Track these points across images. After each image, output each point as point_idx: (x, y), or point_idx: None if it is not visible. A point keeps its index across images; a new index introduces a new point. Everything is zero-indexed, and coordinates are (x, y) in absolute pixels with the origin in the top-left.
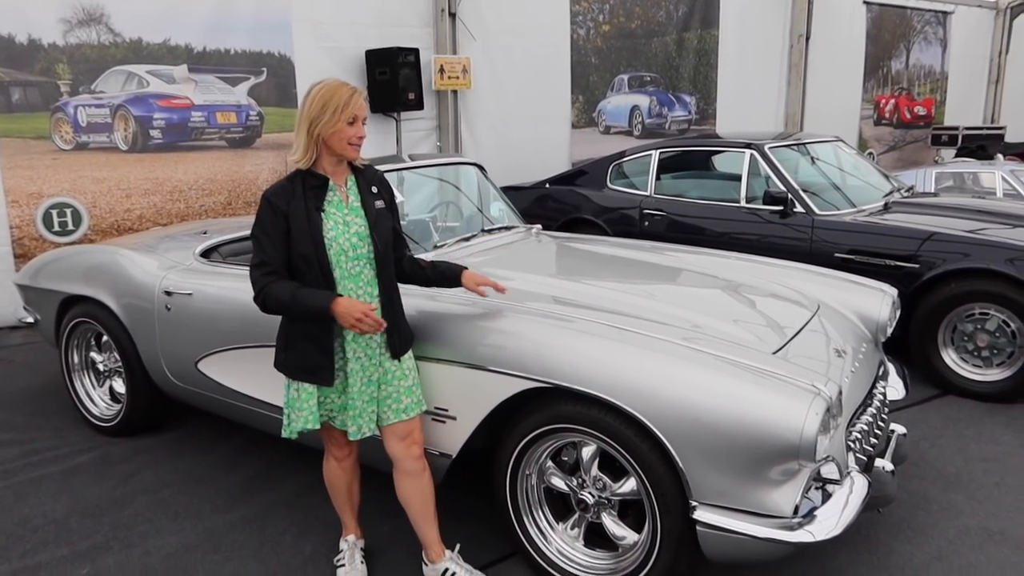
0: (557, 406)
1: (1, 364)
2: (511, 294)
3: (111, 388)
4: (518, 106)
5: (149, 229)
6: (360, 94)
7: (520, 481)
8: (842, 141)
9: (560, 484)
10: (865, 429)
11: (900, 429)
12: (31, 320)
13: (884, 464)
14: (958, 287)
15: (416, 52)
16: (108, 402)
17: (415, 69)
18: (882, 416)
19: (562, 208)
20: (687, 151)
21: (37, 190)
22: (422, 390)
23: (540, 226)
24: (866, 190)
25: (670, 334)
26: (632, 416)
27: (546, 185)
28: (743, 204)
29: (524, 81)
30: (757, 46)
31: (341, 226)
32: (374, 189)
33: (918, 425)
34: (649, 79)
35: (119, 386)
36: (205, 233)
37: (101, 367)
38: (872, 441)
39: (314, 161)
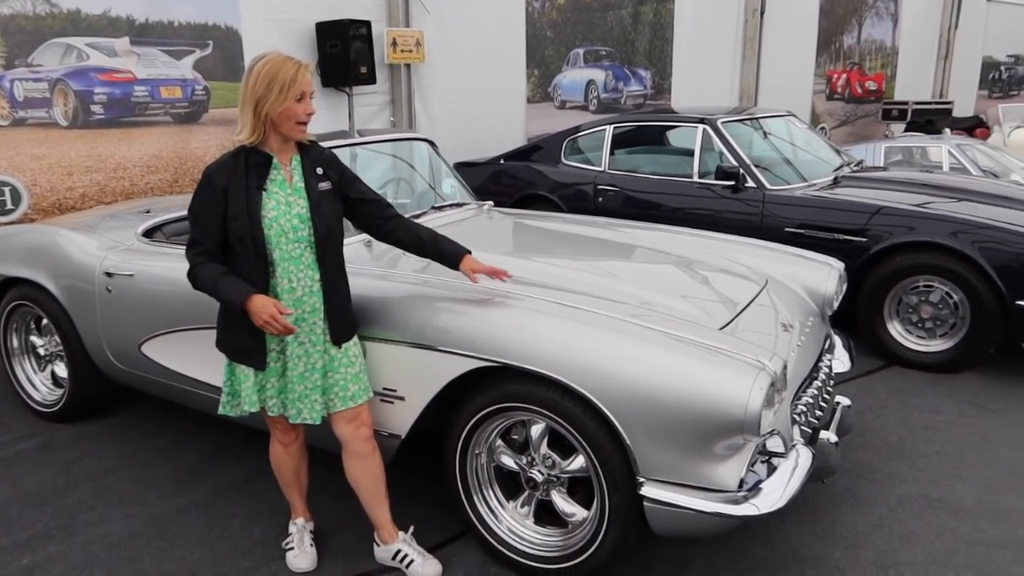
0: (506, 385)
1: None
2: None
3: (53, 373)
4: (473, 80)
5: (92, 208)
6: (307, 68)
7: (470, 460)
8: (794, 116)
9: (510, 463)
10: (811, 402)
11: (845, 401)
12: None
13: (829, 436)
14: (904, 260)
15: (368, 25)
16: (50, 387)
17: (367, 42)
18: (827, 388)
19: (517, 184)
20: (641, 126)
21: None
22: (368, 376)
23: (492, 203)
24: (817, 165)
25: (618, 311)
26: (580, 394)
27: (500, 161)
28: (696, 179)
29: (479, 55)
30: (712, 20)
31: (283, 206)
32: (319, 170)
33: (864, 396)
34: (605, 53)
35: (61, 371)
36: (148, 212)
37: (42, 351)
38: (817, 413)
39: (261, 140)
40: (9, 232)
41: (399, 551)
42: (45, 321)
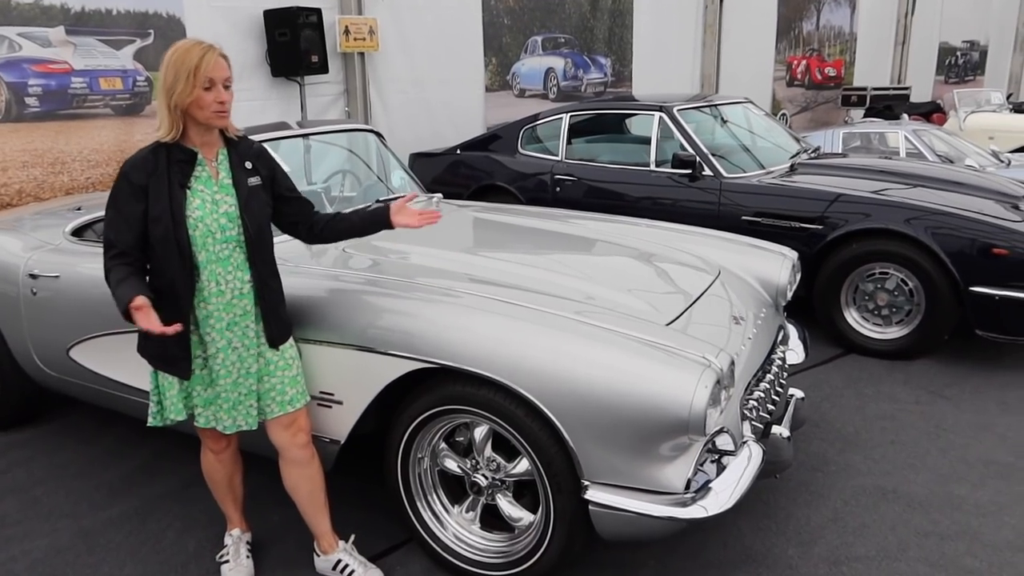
0: (446, 387)
1: None
2: (401, 269)
3: None
4: (429, 69)
5: (27, 205)
6: (215, 52)
7: (412, 465)
8: (751, 102)
9: (454, 467)
10: (762, 396)
11: (798, 393)
12: None
13: (781, 431)
14: (859, 247)
15: (318, 12)
16: None
17: (318, 30)
18: (780, 381)
19: (474, 175)
20: (598, 114)
21: None
22: (305, 379)
23: (440, 195)
24: (774, 152)
25: (561, 308)
26: (520, 395)
27: (457, 151)
28: (653, 168)
29: (435, 43)
30: (672, 7)
31: (209, 205)
32: (248, 164)
33: (821, 386)
34: (563, 40)
35: None
36: (79, 209)
37: None
38: (769, 407)
39: (181, 134)
40: None
41: (339, 561)
42: None
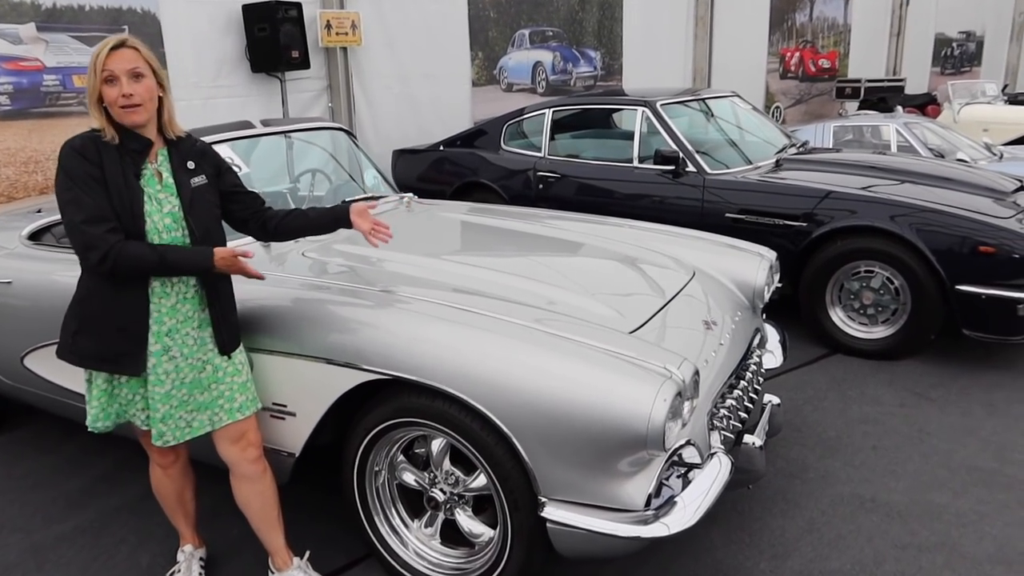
0: (400, 398)
1: None
2: (357, 275)
3: None
4: (414, 64)
5: None
6: (120, 43)
7: (369, 478)
8: (738, 96)
9: (412, 480)
10: (734, 404)
11: (774, 400)
12: None
13: (753, 440)
14: (844, 245)
15: (299, 7)
16: None
17: (298, 25)
18: (755, 387)
19: (457, 171)
20: (581, 110)
21: None
22: (257, 389)
23: (413, 195)
24: (760, 147)
25: (518, 315)
26: (475, 408)
27: (440, 148)
28: (637, 164)
29: (419, 37)
30: None
31: (155, 203)
32: (190, 164)
33: (804, 387)
34: (552, 34)
35: None
36: (39, 212)
37: None
38: (742, 416)
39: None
40: None
41: None
42: None
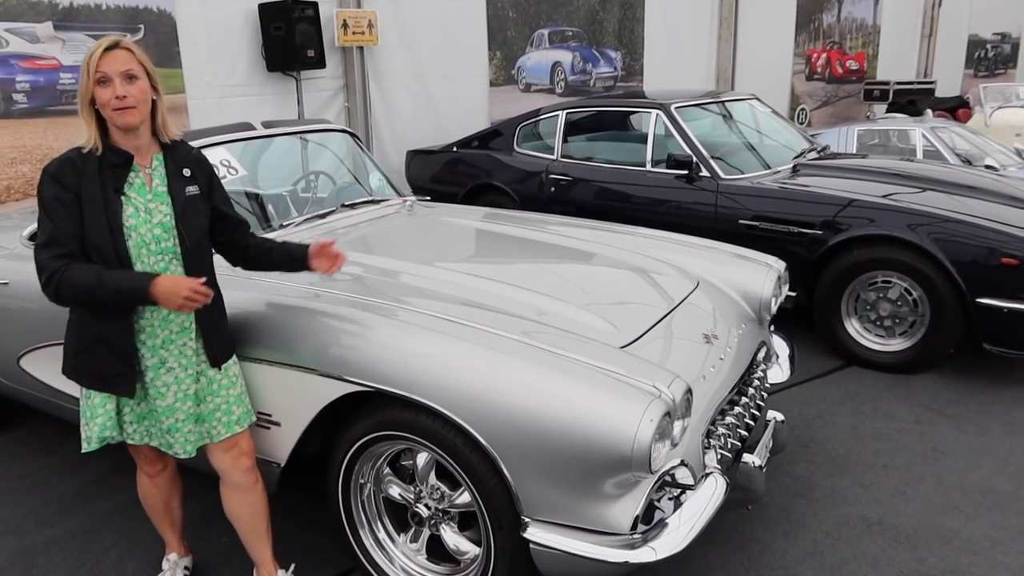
0: (384, 411)
1: None
2: (346, 283)
3: None
4: (431, 64)
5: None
6: (115, 43)
7: (354, 490)
8: (757, 99)
9: (398, 494)
10: (734, 422)
11: (778, 416)
12: None
13: (752, 460)
14: (861, 254)
15: (315, 6)
16: None
17: (314, 24)
18: (758, 403)
19: (471, 173)
20: (595, 112)
21: None
22: (249, 397)
23: (414, 198)
24: (778, 151)
25: (506, 327)
26: (457, 423)
27: (453, 148)
28: (650, 168)
29: (437, 37)
30: None
31: (143, 213)
32: (186, 172)
33: (815, 401)
34: (571, 34)
35: None
36: None
37: None
38: (742, 433)
39: (110, 140)
40: None
41: None
42: None
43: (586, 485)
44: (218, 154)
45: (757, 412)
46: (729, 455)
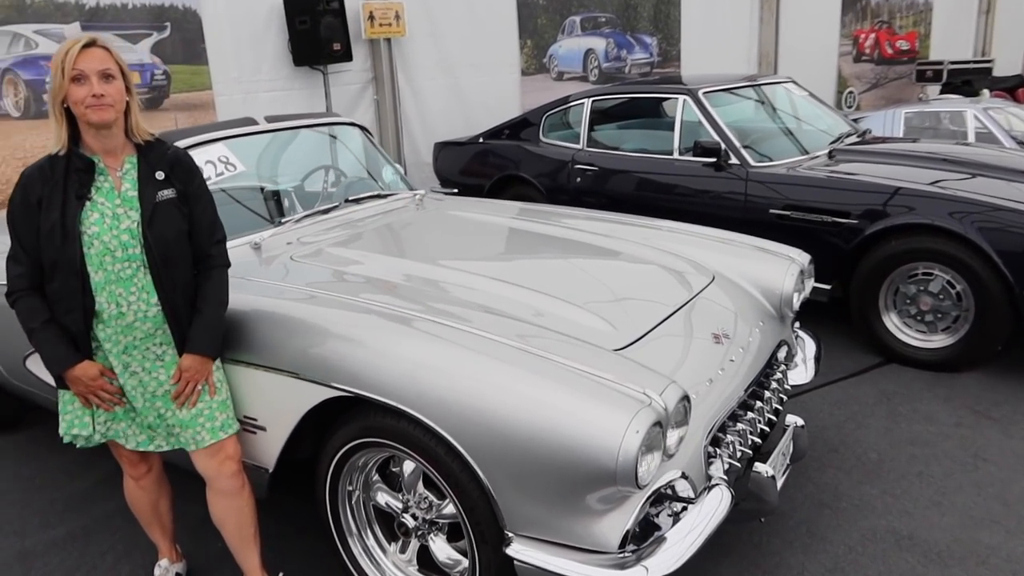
0: (368, 417)
1: None
2: (340, 284)
3: None
4: (461, 54)
5: None
6: (90, 42)
7: (342, 497)
8: (794, 82)
9: (386, 502)
10: (746, 428)
11: (798, 421)
12: None
13: (765, 469)
14: (899, 245)
15: None
16: None
17: (340, 17)
18: (775, 406)
19: (497, 164)
20: (622, 99)
21: None
22: (233, 404)
23: (424, 191)
24: (814, 136)
25: (495, 329)
26: (438, 432)
27: (480, 140)
28: (677, 156)
29: (465, 26)
30: None
31: (109, 219)
32: (159, 175)
33: (848, 402)
34: (604, 20)
35: None
36: None
37: None
38: (755, 440)
39: (79, 140)
40: None
41: None
42: None
43: (570, 500)
44: (216, 150)
45: (774, 417)
46: (739, 464)
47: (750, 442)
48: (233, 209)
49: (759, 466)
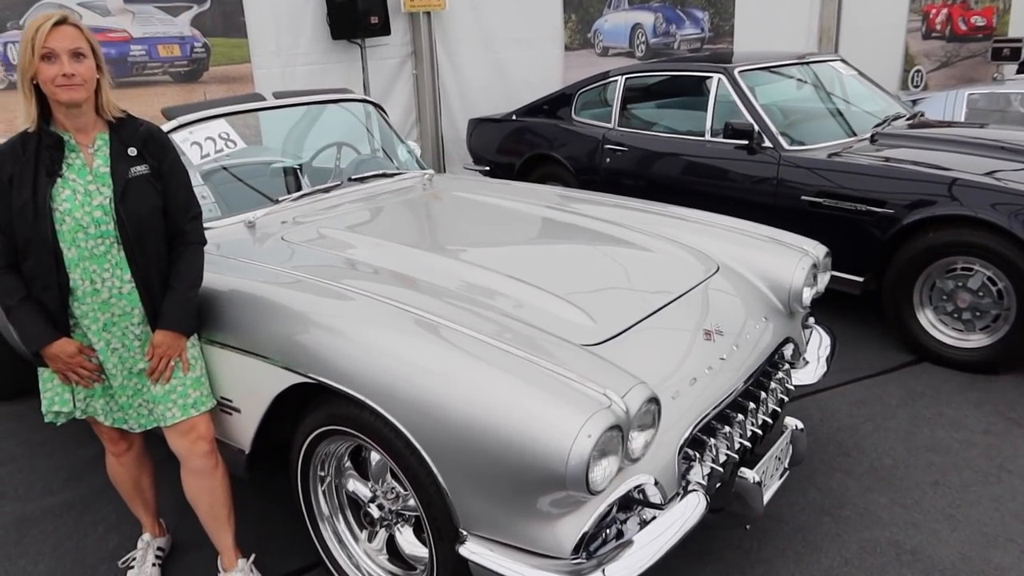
0: (333, 404)
1: None
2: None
3: None
4: (502, 28)
5: None
6: (52, 20)
7: (313, 482)
8: (843, 60)
9: (356, 490)
10: (734, 432)
11: (796, 424)
12: None
13: (751, 475)
14: (937, 237)
15: None
16: None
17: None
18: (773, 407)
19: (529, 142)
20: (656, 76)
21: None
22: (210, 380)
23: (432, 171)
24: (859, 118)
25: (465, 321)
26: (394, 425)
27: (513, 117)
28: (709, 138)
29: (507, 1)
30: None
31: (81, 196)
32: (131, 151)
33: (870, 402)
34: None
35: None
36: None
37: None
38: (742, 444)
39: (49, 117)
40: None
41: None
42: None
43: (523, 502)
44: (217, 127)
45: (770, 419)
46: (721, 469)
47: (737, 445)
48: (235, 187)
49: (744, 471)
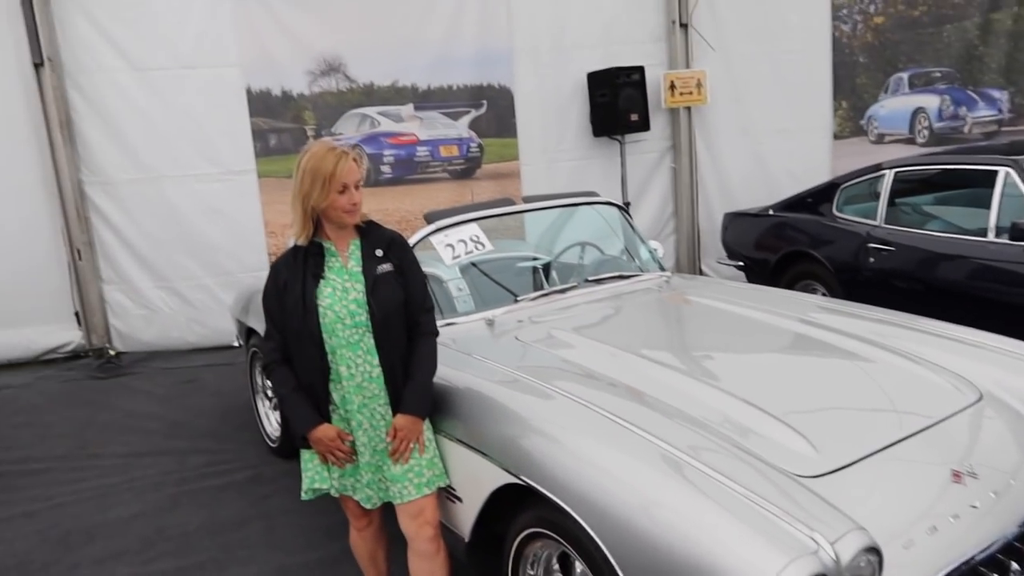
0: (542, 507)
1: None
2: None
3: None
4: (765, 119)
5: None
6: (348, 158)
7: None
8: None
9: None
10: None
11: None
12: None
13: None
14: None
15: (641, 70)
16: (277, 423)
17: (639, 88)
18: None
19: (786, 238)
20: (930, 170)
21: (289, 222)
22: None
23: (670, 273)
24: None
25: (675, 437)
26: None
27: (769, 212)
28: (992, 239)
29: (771, 90)
30: None
31: (339, 292)
32: (379, 252)
33: None
34: (940, 75)
35: None
36: None
37: (271, 392)
38: None
39: (316, 230)
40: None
41: None
42: None
43: None
44: (468, 231)
45: None
46: None
47: None
48: (482, 283)
49: None
